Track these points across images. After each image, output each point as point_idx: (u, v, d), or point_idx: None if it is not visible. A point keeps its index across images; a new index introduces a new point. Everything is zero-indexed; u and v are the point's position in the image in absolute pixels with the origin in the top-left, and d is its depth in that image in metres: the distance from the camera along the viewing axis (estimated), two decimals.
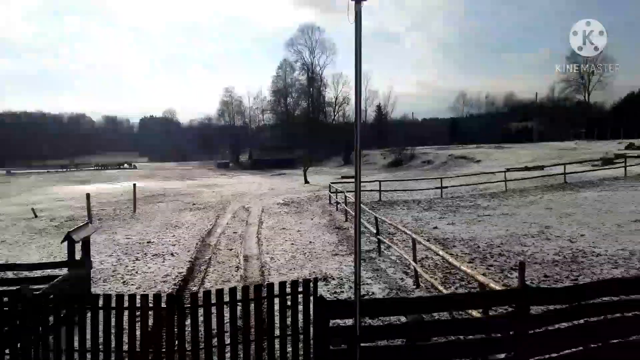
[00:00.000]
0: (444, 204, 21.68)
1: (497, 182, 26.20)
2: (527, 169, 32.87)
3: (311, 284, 5.51)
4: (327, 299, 5.58)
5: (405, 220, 18.03)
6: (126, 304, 5.47)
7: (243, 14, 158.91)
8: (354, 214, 17.20)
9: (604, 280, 7.71)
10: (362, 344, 5.18)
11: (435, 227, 16.14)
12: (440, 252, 8.61)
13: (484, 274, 10.22)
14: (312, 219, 19.40)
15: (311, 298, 5.44)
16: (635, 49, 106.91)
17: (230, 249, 14.45)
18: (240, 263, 12.62)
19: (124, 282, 10.94)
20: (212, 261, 13.06)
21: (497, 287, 5.87)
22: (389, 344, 5.62)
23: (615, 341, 5.56)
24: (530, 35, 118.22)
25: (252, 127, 79.23)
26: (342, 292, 9.65)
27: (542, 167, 32.51)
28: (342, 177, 44.76)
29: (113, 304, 5.45)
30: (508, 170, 31.53)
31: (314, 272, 11.31)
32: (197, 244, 15.25)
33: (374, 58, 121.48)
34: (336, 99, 75.52)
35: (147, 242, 15.53)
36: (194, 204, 26.13)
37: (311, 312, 5.32)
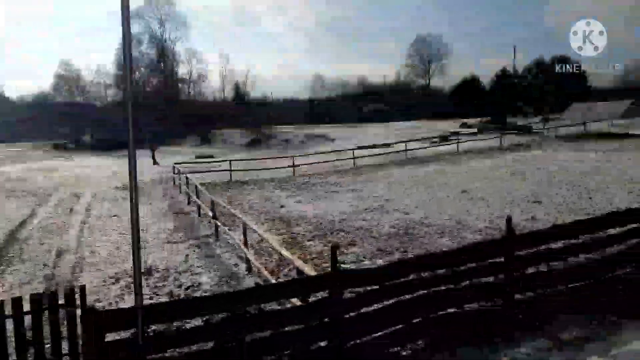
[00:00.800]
0: (296, 182, 21.45)
1: (347, 159, 26.87)
2: (375, 146, 34.51)
3: (77, 292, 4.32)
4: (100, 309, 4.44)
5: (253, 200, 17.29)
6: None
7: None
8: (195, 197, 15.98)
9: (404, 260, 7.60)
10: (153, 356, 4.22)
11: (282, 206, 15.66)
12: (265, 235, 7.93)
13: (319, 253, 9.95)
14: (150, 204, 17.60)
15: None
16: (467, 40, 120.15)
17: (43, 243, 12.21)
18: (50, 260, 10.63)
19: None
20: (14, 259, 10.83)
21: (312, 272, 5.30)
22: (190, 351, 4.73)
23: (433, 315, 5.44)
24: (381, 24, 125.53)
25: (95, 104, 71.27)
26: (164, 285, 8.49)
27: (388, 145, 34.38)
28: (197, 157, 42.52)
29: None
30: (359, 147, 32.73)
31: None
32: (1, 239, 12.66)
33: (235, 38, 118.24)
34: (190, 75, 71.77)
35: None
36: (13, 191, 22.20)
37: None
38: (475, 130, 43.12)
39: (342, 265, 9.17)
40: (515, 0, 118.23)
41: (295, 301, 5.72)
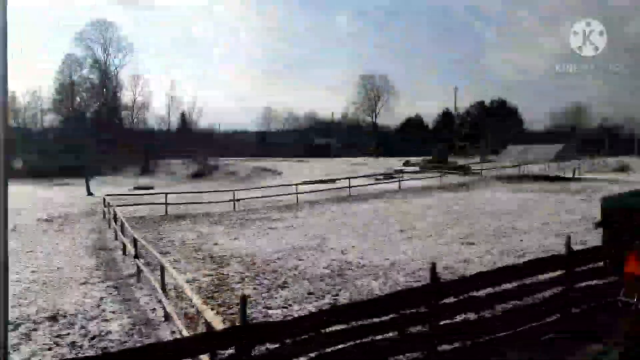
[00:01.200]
0: (236, 217, 20.81)
1: (291, 194, 26.55)
2: (321, 181, 34.51)
3: None
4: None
5: (186, 236, 16.49)
6: None
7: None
8: (120, 232, 14.94)
9: (323, 311, 7.15)
10: None
11: (216, 244, 14.98)
12: (179, 280, 7.35)
13: (246, 296, 9.36)
14: (74, 239, 16.38)
15: None
16: (413, 80, 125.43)
17: None
18: None
19: None
20: None
21: (219, 327, 4.81)
22: None
23: None
24: (332, 60, 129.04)
25: (30, 129, 67.48)
26: (69, 334, 7.64)
27: (334, 180, 34.51)
28: (136, 188, 40.92)
29: None
30: (304, 182, 32.59)
31: (44, 308, 8.96)
32: None
33: (184, 66, 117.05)
34: (134, 101, 69.75)
35: None
36: None
37: None
38: (418, 168, 44.24)
39: (269, 311, 8.74)
40: (458, 44, 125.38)
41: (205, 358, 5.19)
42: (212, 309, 8.47)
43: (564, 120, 77.27)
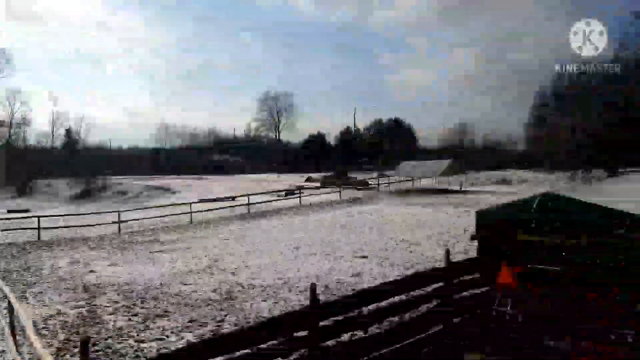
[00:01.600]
0: (118, 241, 19.08)
1: (184, 213, 25.14)
2: (219, 199, 33.30)
3: None
4: None
5: (58, 264, 14.66)
6: None
7: None
8: None
9: (190, 345, 6.47)
10: None
11: (92, 271, 13.44)
12: (22, 318, 6.23)
13: (118, 329, 8.31)
14: None
15: None
16: (316, 99, 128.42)
17: None
18: None
19: None
20: None
21: None
22: None
23: None
24: (234, 76, 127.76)
25: None
26: None
27: (233, 198, 33.49)
28: (10, 212, 36.52)
29: None
30: (201, 201, 31.21)
31: None
32: None
33: (71, 80, 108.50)
34: (12, 117, 62.78)
35: None
36: None
37: None
38: (319, 184, 44.71)
39: (141, 345, 7.80)
40: (359, 67, 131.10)
41: None
42: (61, 352, 7.40)
43: (452, 137, 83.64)
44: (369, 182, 44.80)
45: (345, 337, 6.68)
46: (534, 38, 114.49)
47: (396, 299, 6.75)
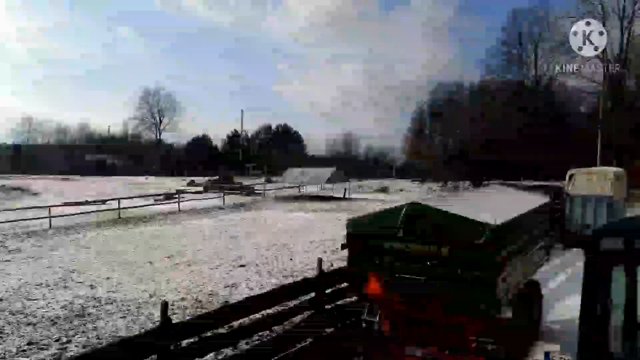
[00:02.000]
0: None
1: (43, 218, 22.27)
2: (87, 203, 30.21)
3: None
4: None
5: None
6: None
7: None
8: None
9: None
10: None
11: None
12: None
13: None
14: None
15: None
16: (203, 101, 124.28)
17: None
18: None
19: None
20: None
21: None
22: None
23: None
24: (109, 72, 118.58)
25: None
26: None
27: (103, 202, 30.60)
28: None
29: None
30: (65, 204, 28.03)
31: None
32: None
33: None
34: None
35: None
36: None
37: None
38: (202, 188, 42.97)
39: None
40: (251, 72, 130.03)
41: None
42: None
43: (339, 147, 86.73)
44: (255, 188, 44.15)
45: (210, 356, 6.16)
46: (417, 56, 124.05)
47: (271, 310, 6.39)
